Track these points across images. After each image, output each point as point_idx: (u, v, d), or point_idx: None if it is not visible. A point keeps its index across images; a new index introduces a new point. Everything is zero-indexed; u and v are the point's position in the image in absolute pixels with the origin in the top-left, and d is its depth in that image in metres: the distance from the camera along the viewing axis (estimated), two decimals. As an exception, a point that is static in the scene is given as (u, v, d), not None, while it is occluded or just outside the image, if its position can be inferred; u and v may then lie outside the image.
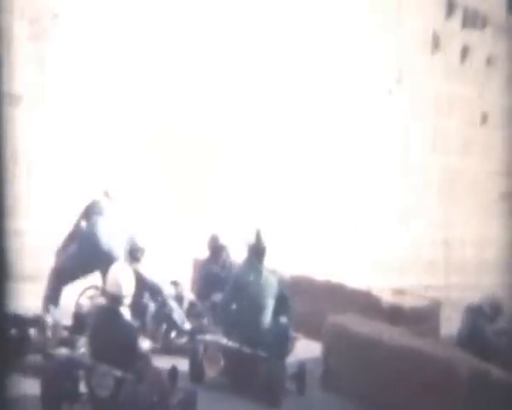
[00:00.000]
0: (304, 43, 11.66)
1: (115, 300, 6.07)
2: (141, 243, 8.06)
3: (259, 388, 7.07)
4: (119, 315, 6.08)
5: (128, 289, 6.14)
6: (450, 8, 13.73)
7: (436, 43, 13.78)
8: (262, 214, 10.53)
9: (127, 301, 6.16)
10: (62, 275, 7.68)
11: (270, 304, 7.46)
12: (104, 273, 7.15)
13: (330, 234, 11.99)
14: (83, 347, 6.67)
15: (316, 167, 12.09)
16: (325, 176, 12.18)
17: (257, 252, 7.52)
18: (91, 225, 7.72)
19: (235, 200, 10.89)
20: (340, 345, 7.88)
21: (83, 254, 7.64)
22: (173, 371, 6.25)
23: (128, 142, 9.93)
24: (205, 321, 8.23)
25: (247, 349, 7.26)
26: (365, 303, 9.25)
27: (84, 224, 7.79)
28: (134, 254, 7.96)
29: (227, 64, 10.81)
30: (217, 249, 8.89)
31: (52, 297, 7.61)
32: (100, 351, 6.02)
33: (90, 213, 7.79)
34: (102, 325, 6.10)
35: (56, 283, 7.68)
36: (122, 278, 6.16)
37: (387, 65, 12.90)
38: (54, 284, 7.68)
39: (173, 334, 8.09)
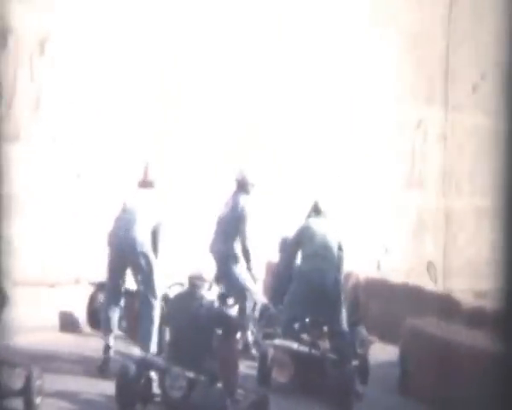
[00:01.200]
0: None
1: (195, 284, 6.12)
2: None
3: (330, 392, 6.96)
4: (198, 298, 6.11)
5: (208, 276, 6.24)
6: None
7: None
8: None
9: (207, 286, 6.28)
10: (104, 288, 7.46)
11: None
12: (136, 271, 7.13)
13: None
14: None
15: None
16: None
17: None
18: (113, 225, 7.41)
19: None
20: (418, 349, 7.71)
21: (109, 256, 7.34)
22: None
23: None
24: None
25: (317, 353, 7.18)
26: (444, 306, 9.02)
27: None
28: None
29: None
30: None
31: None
32: (179, 337, 6.06)
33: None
34: (182, 308, 6.14)
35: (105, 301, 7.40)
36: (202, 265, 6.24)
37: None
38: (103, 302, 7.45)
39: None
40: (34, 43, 8.78)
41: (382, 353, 8.32)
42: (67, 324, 8.29)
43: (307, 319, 7.56)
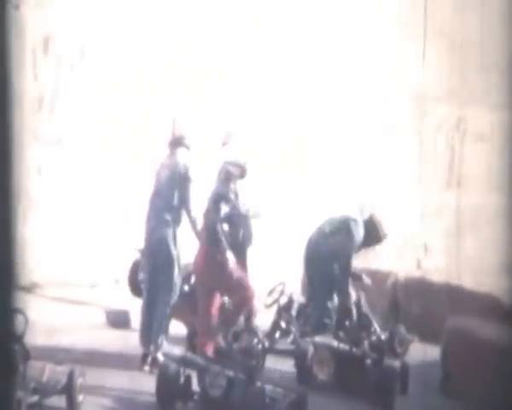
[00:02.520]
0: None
1: None
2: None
3: (371, 390, 6.92)
4: None
5: None
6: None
7: None
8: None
9: None
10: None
11: None
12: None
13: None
14: None
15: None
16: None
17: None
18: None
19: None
20: (460, 348, 7.62)
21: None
22: None
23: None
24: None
25: (357, 351, 7.14)
26: (486, 305, 8.89)
27: None
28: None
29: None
30: None
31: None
32: None
33: None
34: None
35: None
36: None
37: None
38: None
39: (277, 334, 8.04)
40: (38, 40, 8.83)
41: (423, 353, 8.25)
42: (112, 321, 8.38)
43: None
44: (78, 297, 8.25)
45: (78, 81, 9.08)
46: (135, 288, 7.63)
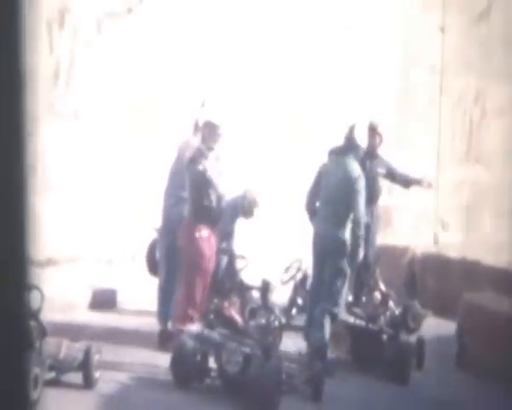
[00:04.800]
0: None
1: None
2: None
3: (386, 366, 6.91)
4: None
5: None
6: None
7: None
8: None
9: None
10: None
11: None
12: None
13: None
14: None
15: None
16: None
17: None
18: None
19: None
20: (476, 323, 7.58)
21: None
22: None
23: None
24: None
25: (374, 327, 7.12)
26: (503, 281, 8.84)
27: None
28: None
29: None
30: None
31: None
32: None
33: None
34: None
35: None
36: None
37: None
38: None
39: (294, 310, 8.02)
40: (54, 13, 8.77)
41: (439, 328, 8.23)
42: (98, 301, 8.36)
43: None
44: (94, 273, 8.26)
45: (95, 55, 9.02)
46: (152, 267, 7.64)
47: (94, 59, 9.02)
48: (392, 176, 8.12)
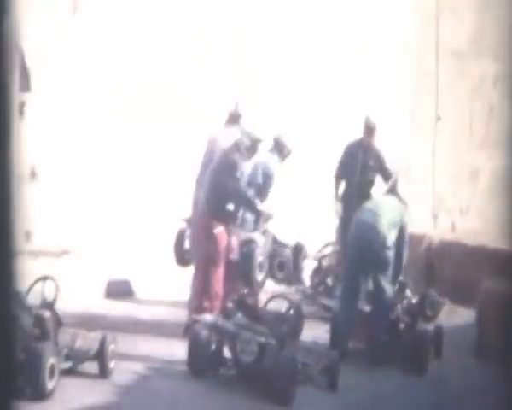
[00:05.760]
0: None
1: None
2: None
3: (404, 355, 6.86)
4: None
5: None
6: None
7: None
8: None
9: None
10: None
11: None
12: None
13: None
14: None
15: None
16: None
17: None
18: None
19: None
20: (495, 311, 7.50)
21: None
22: None
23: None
24: None
25: (391, 316, 7.07)
26: (523, 268, 8.74)
27: None
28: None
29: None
30: None
31: None
32: None
33: None
34: None
35: None
36: None
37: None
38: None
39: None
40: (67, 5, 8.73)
41: (458, 316, 8.17)
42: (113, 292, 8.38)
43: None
44: (108, 264, 8.27)
45: (70, 36, 8.92)
46: (180, 257, 7.64)
47: (69, 40, 8.93)
48: (380, 171, 8.45)
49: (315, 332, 7.18)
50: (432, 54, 11.79)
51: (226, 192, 6.81)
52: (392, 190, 7.56)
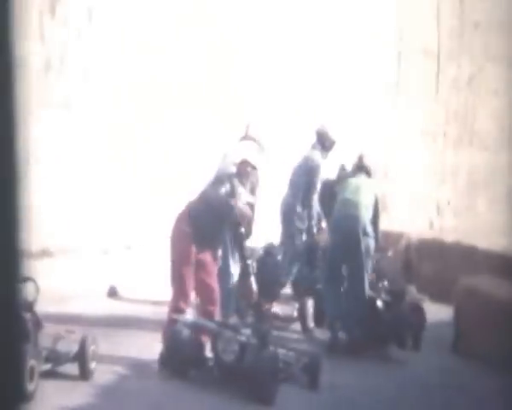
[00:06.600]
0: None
1: None
2: None
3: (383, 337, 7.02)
4: None
5: None
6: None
7: None
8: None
9: None
10: None
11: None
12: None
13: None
14: None
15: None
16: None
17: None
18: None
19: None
20: (473, 307, 7.58)
21: None
22: None
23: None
24: None
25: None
26: (499, 265, 8.83)
27: None
28: None
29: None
30: None
31: None
32: None
33: None
34: None
35: None
36: None
37: None
38: None
39: None
40: (82, 12, 8.77)
41: (436, 313, 8.22)
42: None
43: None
44: (89, 264, 8.24)
45: (86, 44, 8.96)
46: None
47: (85, 47, 8.96)
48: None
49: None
50: (410, 53, 11.87)
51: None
52: (360, 167, 7.64)
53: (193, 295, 6.49)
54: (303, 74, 10.84)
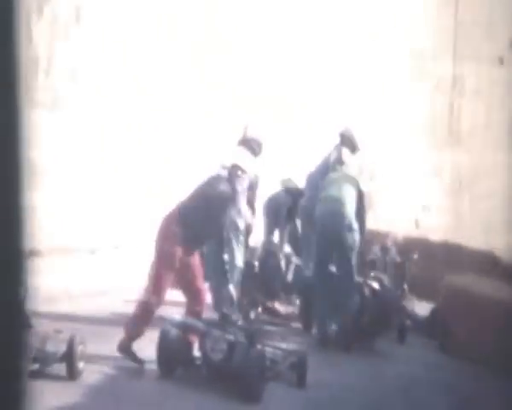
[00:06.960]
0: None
1: None
2: None
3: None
4: None
5: None
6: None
7: None
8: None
9: None
10: None
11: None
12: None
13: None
14: None
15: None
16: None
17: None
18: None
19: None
20: (458, 306, 7.65)
21: None
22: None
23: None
24: None
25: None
26: (485, 263, 8.92)
27: None
28: None
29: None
30: None
31: None
32: None
33: None
34: None
35: None
36: None
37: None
38: None
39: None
40: (70, 12, 8.77)
41: (421, 310, 8.29)
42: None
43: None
44: (77, 264, 8.24)
45: (74, 44, 8.96)
46: None
47: (73, 47, 8.96)
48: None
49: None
50: (394, 53, 11.94)
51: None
52: (340, 162, 7.73)
53: (166, 296, 6.47)
54: (302, 74, 10.89)
